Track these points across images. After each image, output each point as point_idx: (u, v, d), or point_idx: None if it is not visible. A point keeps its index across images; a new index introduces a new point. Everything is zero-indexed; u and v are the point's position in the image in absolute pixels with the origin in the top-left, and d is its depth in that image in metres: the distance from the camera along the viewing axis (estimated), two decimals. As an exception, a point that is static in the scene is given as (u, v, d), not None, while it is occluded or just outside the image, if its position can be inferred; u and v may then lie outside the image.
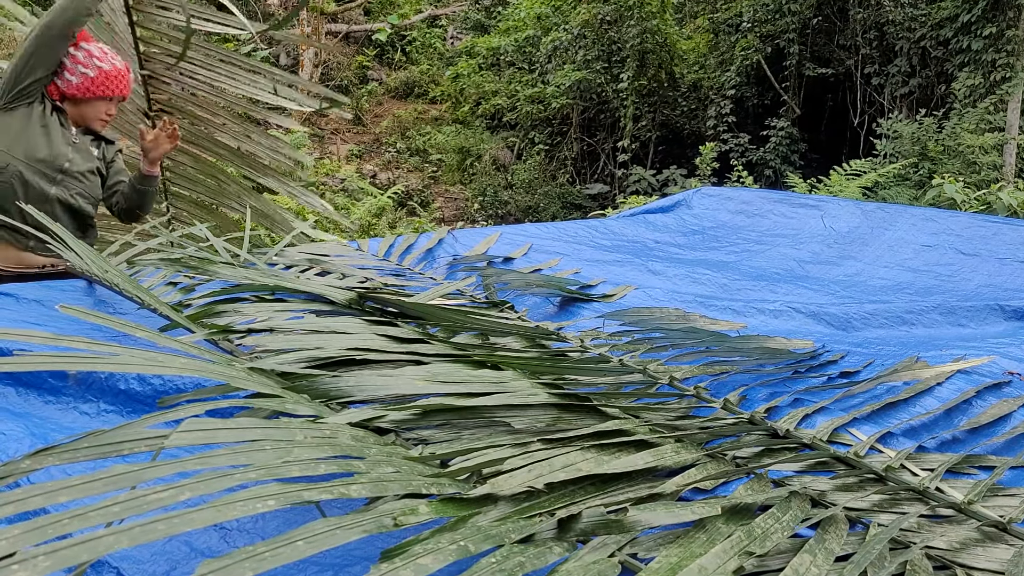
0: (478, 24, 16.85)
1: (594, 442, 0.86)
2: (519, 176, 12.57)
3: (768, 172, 10.90)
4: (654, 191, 11.07)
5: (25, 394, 1.15)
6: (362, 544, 0.81)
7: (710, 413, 1.14)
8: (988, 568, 0.75)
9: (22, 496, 0.53)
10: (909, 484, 0.92)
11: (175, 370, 0.80)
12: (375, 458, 0.72)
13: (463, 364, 1.08)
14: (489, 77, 14.64)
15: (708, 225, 2.70)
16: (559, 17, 13.18)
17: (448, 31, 17.60)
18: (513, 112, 13.69)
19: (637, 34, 11.67)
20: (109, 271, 1.47)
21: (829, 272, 2.25)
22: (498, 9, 16.39)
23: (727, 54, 11.95)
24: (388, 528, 0.60)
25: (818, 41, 11.33)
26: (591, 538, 0.68)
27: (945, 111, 9.44)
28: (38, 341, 0.80)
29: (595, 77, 12.31)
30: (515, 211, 11.79)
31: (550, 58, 13.25)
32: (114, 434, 0.64)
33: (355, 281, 1.81)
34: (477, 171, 13.08)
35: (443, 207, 12.29)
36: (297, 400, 0.87)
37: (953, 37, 9.46)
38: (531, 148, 13.24)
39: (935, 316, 1.74)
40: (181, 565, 0.78)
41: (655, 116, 12.32)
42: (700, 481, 0.86)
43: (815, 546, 0.71)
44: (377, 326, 1.23)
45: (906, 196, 8.07)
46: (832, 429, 1.10)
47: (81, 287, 1.72)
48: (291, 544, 0.53)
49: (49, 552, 0.47)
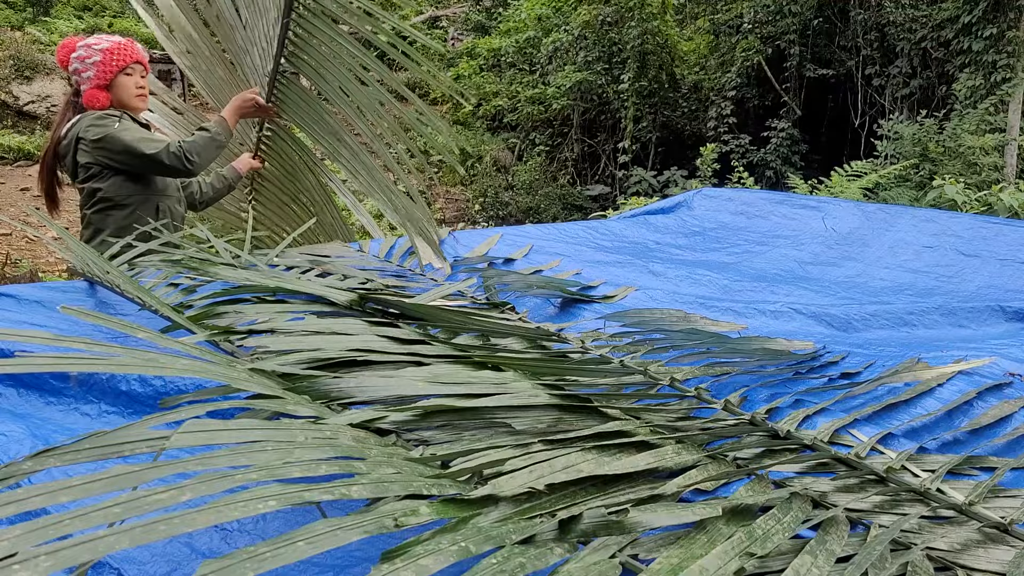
0: (479, 25, 16.85)
1: (595, 443, 0.86)
2: (520, 177, 12.57)
3: (769, 173, 10.90)
4: (655, 192, 11.07)
5: (26, 395, 1.15)
6: (363, 545, 0.81)
7: (711, 414, 1.14)
8: (989, 569, 0.75)
9: (23, 496, 0.53)
10: (910, 485, 0.92)
11: (176, 371, 0.80)
12: (376, 459, 0.72)
13: (464, 365, 1.08)
14: (490, 78, 14.64)
15: (709, 226, 2.70)
16: (560, 18, 13.19)
17: (449, 32, 17.61)
18: (514, 113, 13.69)
19: (638, 35, 11.67)
20: (111, 272, 1.48)
21: (830, 273, 2.25)
22: (499, 10, 16.40)
23: (728, 55, 11.96)
24: (389, 529, 0.60)
25: (819, 42, 11.33)
26: (592, 539, 0.68)
27: (946, 112, 9.44)
28: (39, 342, 0.80)
29: (596, 78, 12.31)
30: (516, 212, 11.79)
31: (551, 59, 13.26)
32: (115, 435, 0.64)
33: (356, 282, 1.81)
34: (478, 172, 13.08)
35: (444, 208, 12.29)
36: (298, 401, 0.87)
37: (954, 38, 9.46)
38: (532, 149, 13.24)
39: (936, 317, 1.73)
40: (182, 566, 0.78)
41: (656, 117, 12.32)
42: (701, 482, 0.86)
43: (816, 547, 0.71)
44: (378, 327, 1.23)
45: (907, 197, 8.06)
46: (833, 430, 1.10)
47: (82, 288, 1.72)
48: (292, 544, 0.53)
49: (50, 552, 0.47)
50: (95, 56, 2.39)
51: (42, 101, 12.59)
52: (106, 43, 2.42)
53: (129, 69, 2.44)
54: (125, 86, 2.43)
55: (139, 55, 2.47)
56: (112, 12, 16.61)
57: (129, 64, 2.43)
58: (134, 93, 2.45)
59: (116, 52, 2.41)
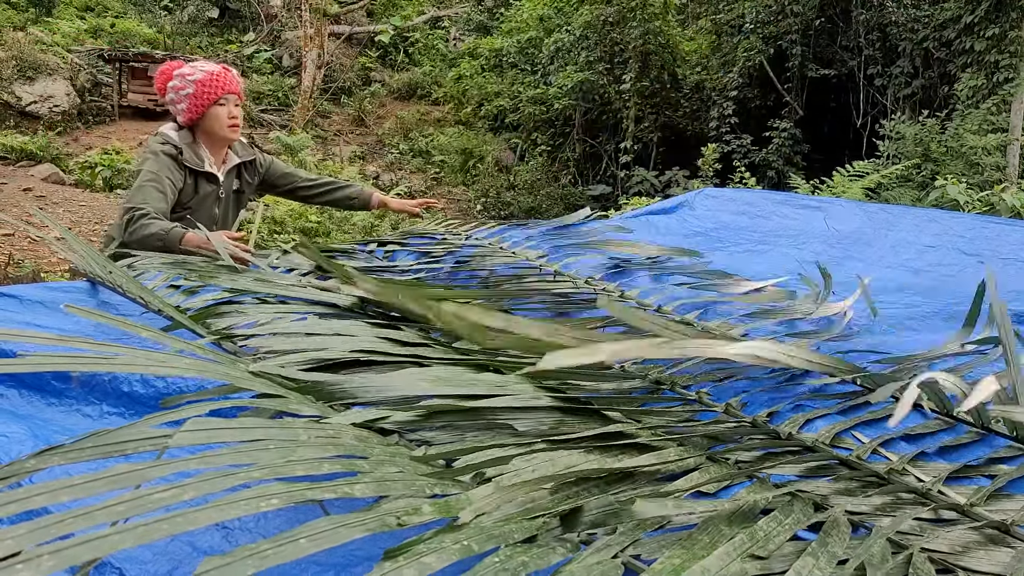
0: (480, 26, 16.86)
1: (597, 444, 0.86)
2: (521, 177, 12.57)
3: (771, 173, 10.88)
4: (656, 192, 11.06)
5: (28, 396, 1.15)
6: (364, 544, 0.81)
7: (712, 417, 1.14)
8: (990, 571, 0.75)
9: (24, 496, 0.54)
10: (911, 487, 0.92)
11: (179, 371, 0.80)
12: (379, 458, 0.72)
13: (466, 367, 1.08)
14: (491, 78, 14.64)
15: (711, 226, 2.70)
16: (561, 18, 13.19)
17: (451, 32, 17.61)
18: (515, 113, 13.69)
19: (640, 35, 11.67)
20: (113, 272, 1.48)
21: (831, 274, 2.25)
22: (500, 10, 16.40)
23: (729, 55, 11.95)
24: (391, 527, 0.60)
25: (821, 42, 11.32)
26: (595, 538, 0.68)
27: (948, 112, 9.43)
28: (42, 342, 0.80)
29: (597, 78, 12.31)
30: (517, 212, 11.80)
31: (552, 59, 13.25)
32: (117, 434, 0.65)
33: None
34: (480, 172, 13.09)
35: (446, 208, 12.30)
36: (301, 401, 0.87)
37: (956, 38, 9.45)
38: (533, 149, 13.24)
39: (937, 321, 1.73)
40: (184, 565, 0.78)
41: (657, 117, 12.31)
42: (703, 484, 0.86)
43: (818, 549, 0.71)
44: (380, 328, 1.24)
45: (909, 197, 8.05)
46: (834, 433, 1.10)
47: (84, 288, 1.73)
48: (294, 542, 0.53)
49: (53, 551, 0.48)
50: (188, 88, 2.41)
51: (44, 101, 12.60)
52: (199, 73, 2.43)
53: (222, 100, 2.44)
54: (217, 117, 2.44)
55: (232, 85, 2.47)
56: (114, 12, 16.64)
57: (222, 96, 2.43)
58: (226, 124, 2.46)
59: (209, 84, 2.41)
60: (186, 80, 2.42)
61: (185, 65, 2.49)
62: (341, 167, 11.38)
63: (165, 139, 2.43)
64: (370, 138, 15.01)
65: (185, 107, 2.42)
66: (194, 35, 16.67)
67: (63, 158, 11.13)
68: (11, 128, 11.83)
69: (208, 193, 2.50)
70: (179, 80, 2.43)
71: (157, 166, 2.35)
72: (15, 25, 14.16)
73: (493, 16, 16.56)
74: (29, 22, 14.65)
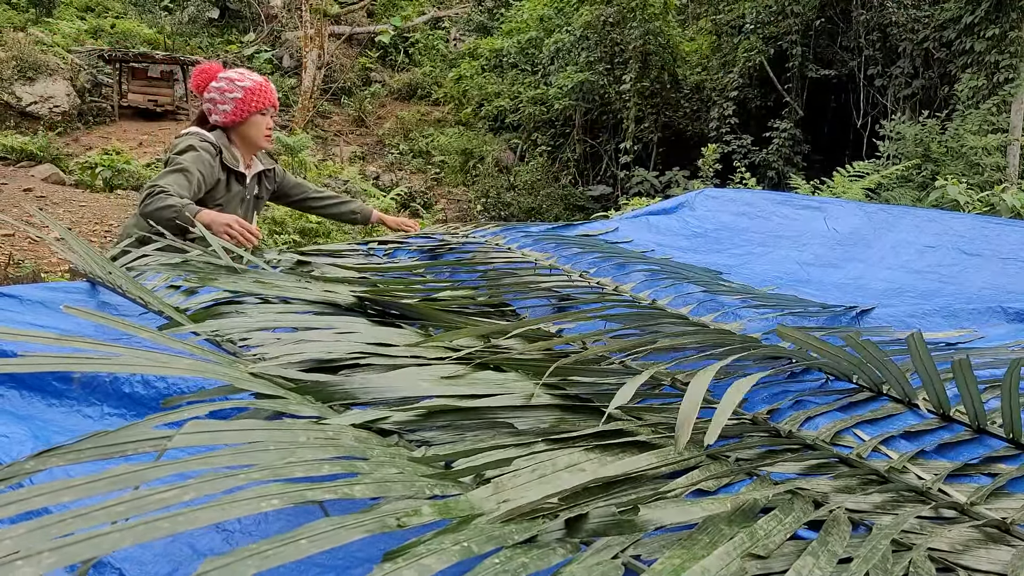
0: (481, 26, 16.87)
1: (597, 442, 0.86)
2: (522, 178, 12.57)
3: (771, 174, 10.89)
4: (657, 193, 11.07)
5: (28, 397, 1.15)
6: (364, 546, 0.81)
7: (712, 414, 1.14)
8: (990, 570, 0.75)
9: (25, 496, 0.54)
10: (912, 485, 0.92)
11: (179, 371, 0.80)
12: (378, 459, 0.72)
13: (466, 366, 1.08)
14: (492, 79, 14.65)
15: (711, 227, 2.70)
16: (561, 19, 13.20)
17: (451, 33, 17.62)
18: (516, 114, 13.70)
19: (640, 36, 11.67)
20: (113, 272, 1.48)
21: (831, 275, 2.25)
22: (500, 11, 16.41)
23: (730, 56, 11.95)
24: (391, 528, 0.60)
25: (821, 42, 11.32)
26: (596, 539, 0.68)
27: (948, 112, 9.43)
28: (42, 342, 0.80)
29: (598, 79, 12.31)
30: (518, 212, 11.80)
31: (553, 60, 13.26)
32: (118, 435, 0.65)
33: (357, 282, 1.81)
34: (480, 173, 13.09)
35: (446, 209, 12.30)
36: (300, 401, 0.87)
37: (956, 38, 9.45)
38: (534, 150, 13.24)
39: (937, 320, 1.73)
40: (184, 566, 0.78)
41: (658, 117, 12.32)
42: (703, 481, 0.86)
43: (818, 548, 0.71)
44: (379, 328, 1.24)
45: (909, 198, 8.05)
46: (835, 431, 1.10)
47: (84, 289, 1.73)
48: (294, 542, 0.53)
49: (53, 549, 0.48)
50: (236, 92, 2.49)
51: (45, 102, 12.61)
52: (248, 81, 2.52)
53: (266, 110, 2.55)
54: (257, 125, 2.55)
55: (275, 99, 2.59)
56: (115, 13, 16.64)
57: (267, 107, 2.54)
58: (264, 134, 2.57)
59: (257, 93, 2.52)
60: (235, 84, 2.50)
61: (232, 70, 2.57)
62: (341, 167, 11.38)
63: (204, 138, 2.48)
64: (370, 138, 15.02)
65: (230, 109, 2.49)
66: (194, 35, 16.69)
67: (63, 158, 11.14)
68: (11, 128, 11.83)
69: (236, 193, 2.58)
70: (225, 83, 2.50)
71: (193, 159, 2.39)
72: (15, 25, 14.17)
73: (493, 16, 16.57)
74: (29, 22, 14.66)
